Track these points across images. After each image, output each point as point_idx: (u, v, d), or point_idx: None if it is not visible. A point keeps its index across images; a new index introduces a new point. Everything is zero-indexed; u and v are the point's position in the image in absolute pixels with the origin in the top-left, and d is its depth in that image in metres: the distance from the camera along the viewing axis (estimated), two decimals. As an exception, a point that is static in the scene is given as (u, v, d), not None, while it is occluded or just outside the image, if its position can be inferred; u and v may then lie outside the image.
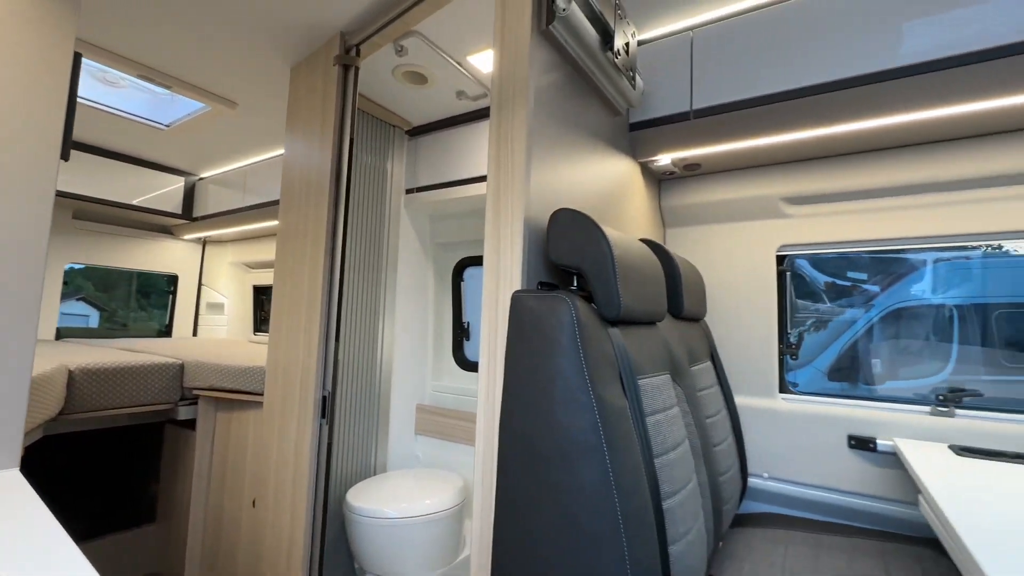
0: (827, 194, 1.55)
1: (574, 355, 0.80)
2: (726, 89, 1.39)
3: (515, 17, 1.01)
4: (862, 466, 1.46)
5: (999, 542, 0.71)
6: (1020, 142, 1.30)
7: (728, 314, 1.71)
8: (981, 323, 1.92)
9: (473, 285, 2.53)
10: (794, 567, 1.20)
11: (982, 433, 1.33)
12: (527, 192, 0.98)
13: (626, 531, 0.74)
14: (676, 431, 1.00)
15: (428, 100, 2.02)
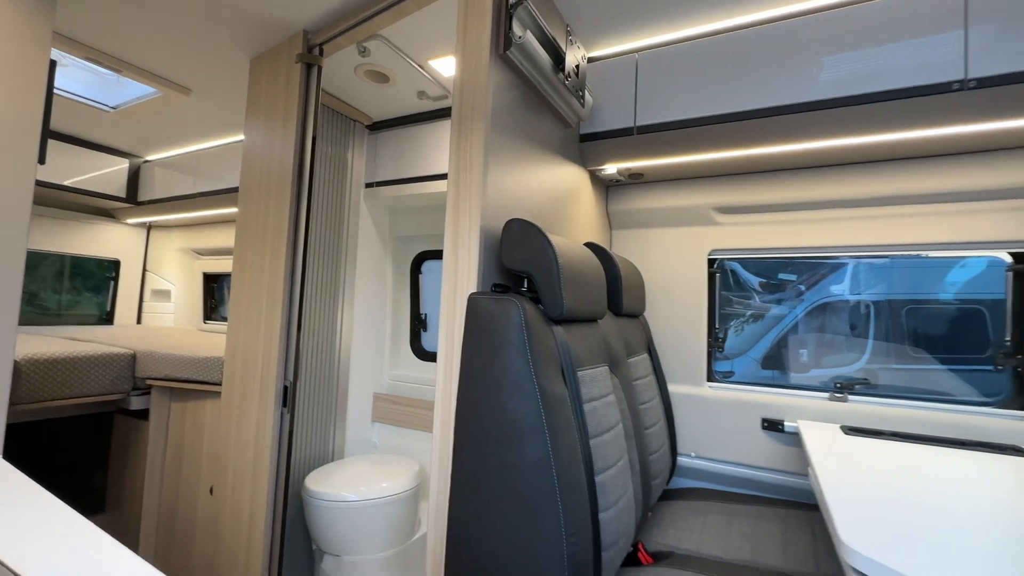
0: (752, 206, 1.74)
1: (522, 351, 0.92)
2: (666, 109, 1.54)
3: (474, 42, 1.11)
4: (772, 445, 1.68)
5: (857, 506, 0.89)
6: (911, 169, 1.52)
7: (665, 311, 1.89)
8: (893, 318, 2.21)
9: (431, 278, 2.61)
10: (709, 532, 1.39)
11: (869, 416, 1.57)
12: (483, 202, 1.08)
13: (562, 500, 0.87)
14: (610, 416, 1.15)
15: (389, 97, 2.07)
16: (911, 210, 1.55)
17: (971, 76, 1.19)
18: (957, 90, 1.19)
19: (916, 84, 1.23)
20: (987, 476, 1.05)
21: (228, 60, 1.87)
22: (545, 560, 0.86)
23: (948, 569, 0.63)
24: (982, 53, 1.18)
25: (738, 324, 2.42)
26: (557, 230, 1.52)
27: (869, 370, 2.04)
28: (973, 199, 1.46)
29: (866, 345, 2.24)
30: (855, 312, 2.16)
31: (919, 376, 1.80)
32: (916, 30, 1.24)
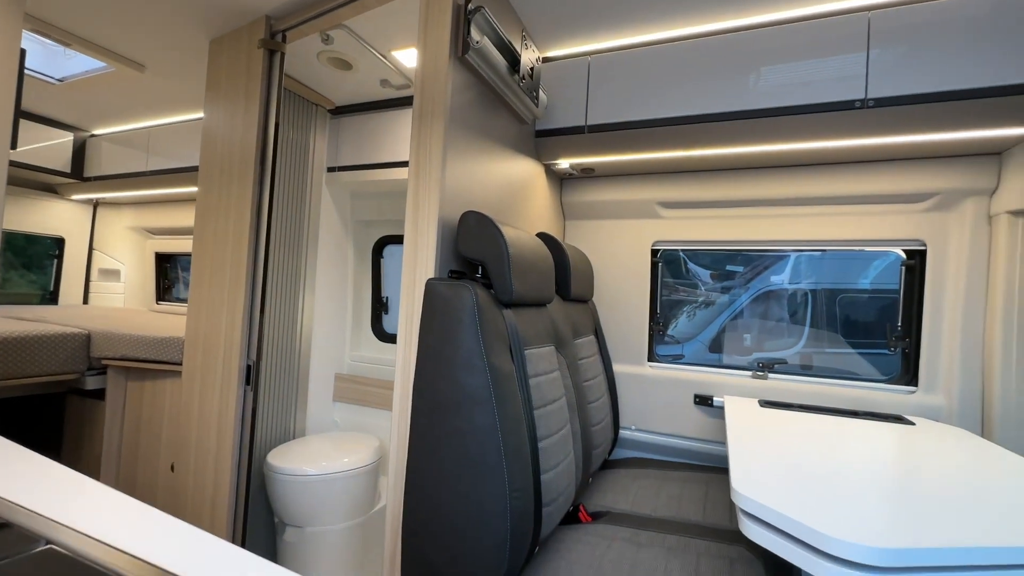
0: (692, 201, 1.90)
1: (473, 331, 1.03)
2: (616, 110, 1.66)
3: (434, 44, 1.19)
4: (702, 418, 1.87)
5: (753, 463, 1.05)
6: (825, 174, 1.71)
7: (612, 296, 2.04)
8: (827, 305, 2.46)
9: (392, 262, 2.67)
10: (642, 494, 1.56)
11: (784, 391, 1.78)
12: (442, 195, 1.18)
13: (507, 462, 1.00)
14: (554, 390, 1.28)
15: (351, 83, 2.10)
16: (826, 210, 1.75)
17: (871, 96, 1.36)
18: (859, 108, 1.37)
19: (826, 100, 1.40)
20: (872, 439, 1.25)
21: (185, 39, 1.85)
22: (491, 514, 0.98)
23: (818, 506, 0.79)
24: (880, 76, 1.36)
25: (690, 310, 2.63)
26: (512, 220, 1.62)
27: (805, 353, 2.27)
28: (875, 202, 1.67)
29: (803, 331, 2.49)
30: (793, 300, 2.40)
31: (843, 359, 2.04)
32: (828, 50, 1.41)
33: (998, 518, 0.77)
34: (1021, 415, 1.42)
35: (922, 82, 1.34)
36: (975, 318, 1.55)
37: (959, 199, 1.57)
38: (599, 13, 1.53)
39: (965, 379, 1.55)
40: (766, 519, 0.78)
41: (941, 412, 1.58)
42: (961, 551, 0.65)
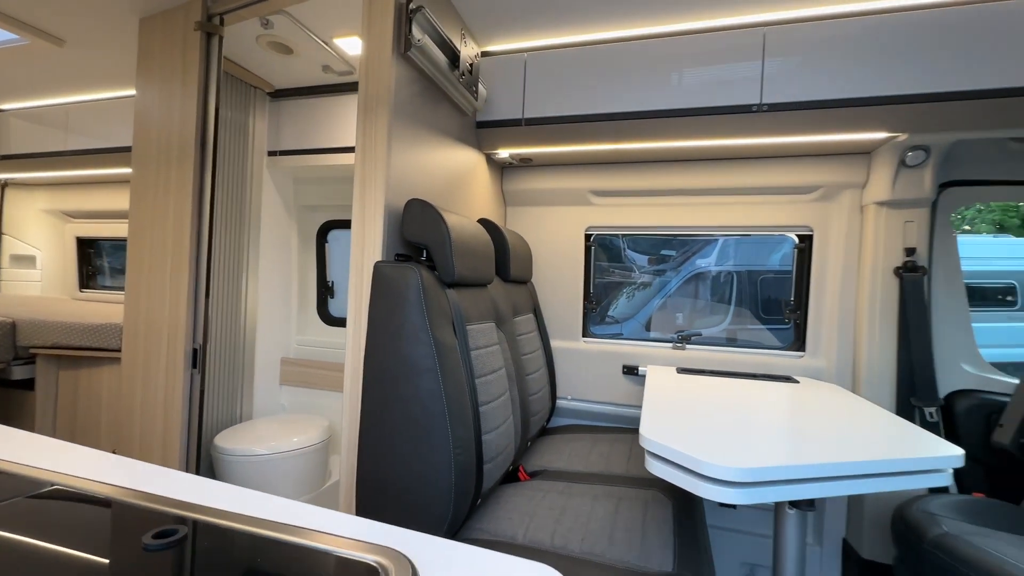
0: (621, 190, 2.08)
1: (419, 308, 1.14)
2: (550, 105, 1.79)
3: (378, 41, 1.26)
4: (629, 386, 2.08)
5: (661, 415, 1.23)
6: (734, 167, 1.93)
7: (549, 278, 2.20)
8: (750, 285, 2.74)
9: (337, 246, 2.70)
10: (575, 454, 1.75)
11: (699, 359, 2.01)
12: (387, 184, 1.27)
13: (451, 424, 1.13)
14: (494, 361, 1.42)
15: (292, 67, 2.10)
16: (734, 199, 1.98)
17: (765, 101, 1.57)
18: (755, 111, 1.58)
19: (729, 103, 1.60)
20: (761, 395, 1.48)
21: (112, 16, 1.79)
22: (436, 468, 1.11)
23: (703, 444, 0.97)
24: (773, 84, 1.57)
25: (629, 292, 2.85)
26: (456, 206, 1.73)
27: (730, 328, 2.55)
28: (773, 193, 1.91)
29: (730, 309, 2.77)
30: (718, 281, 2.67)
31: (758, 333, 2.32)
32: (731, 59, 1.60)
33: (836, 446, 0.99)
34: (880, 374, 1.72)
35: (807, 91, 1.56)
36: (850, 293, 1.83)
37: (838, 191, 1.84)
38: (534, 14, 1.64)
39: (841, 345, 1.84)
40: (663, 455, 0.96)
41: (823, 372, 1.87)
42: (793, 468, 0.85)
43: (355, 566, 0.41)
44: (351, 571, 0.40)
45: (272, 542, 0.44)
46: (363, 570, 0.40)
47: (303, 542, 0.44)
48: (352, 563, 0.41)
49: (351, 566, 0.41)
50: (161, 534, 0.44)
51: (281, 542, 0.44)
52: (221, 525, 0.46)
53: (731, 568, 1.90)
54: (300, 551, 0.43)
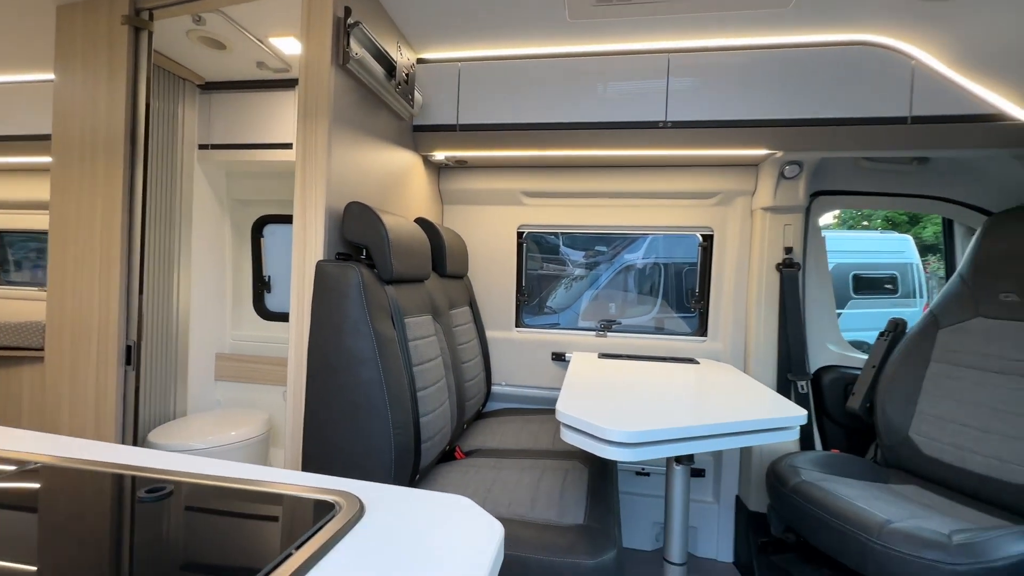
0: (549, 192, 2.26)
1: (360, 304, 1.25)
2: (483, 112, 1.93)
3: (317, 53, 1.34)
4: (558, 371, 2.28)
5: (578, 393, 1.42)
6: (648, 174, 2.16)
7: (485, 272, 2.35)
8: (675, 278, 3.02)
9: (274, 241, 2.69)
10: (507, 435, 1.92)
11: (619, 345, 2.25)
12: (328, 186, 1.36)
13: (390, 408, 1.25)
14: (431, 351, 1.55)
15: (224, 62, 2.09)
16: (649, 202, 2.22)
17: (670, 118, 1.80)
18: (661, 127, 1.80)
19: (640, 119, 1.81)
20: (666, 374, 1.72)
21: (25, 1, 1.72)
22: (377, 447, 1.23)
23: (606, 414, 1.16)
24: (676, 103, 1.80)
25: (567, 283, 3.06)
26: (394, 206, 1.83)
27: (658, 317, 2.82)
28: (681, 197, 2.16)
29: (656, 300, 3.05)
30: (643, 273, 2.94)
31: (677, 321, 2.59)
32: (642, 79, 1.81)
33: (713, 413, 1.22)
34: (764, 354, 2.02)
35: (705, 111, 1.80)
36: (742, 286, 2.12)
37: (733, 197, 2.12)
38: (466, 26, 1.76)
39: (735, 330, 2.13)
40: (574, 425, 1.14)
41: (720, 354, 2.15)
42: (673, 430, 1.06)
43: (316, 503, 0.54)
44: (312, 507, 0.53)
45: (244, 492, 0.55)
46: (322, 506, 0.53)
47: (270, 490, 0.56)
48: (313, 501, 0.54)
49: (312, 504, 0.54)
50: (151, 490, 0.54)
51: (252, 491, 0.56)
52: (201, 484, 0.57)
53: (644, 527, 2.16)
54: (269, 496, 0.55)
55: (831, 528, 1.34)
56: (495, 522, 0.53)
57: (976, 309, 1.66)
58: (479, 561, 0.46)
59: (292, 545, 0.46)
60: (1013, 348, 1.53)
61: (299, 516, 0.52)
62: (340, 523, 0.50)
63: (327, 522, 0.50)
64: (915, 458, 1.66)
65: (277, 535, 0.49)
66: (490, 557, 0.47)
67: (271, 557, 0.44)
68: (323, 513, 0.52)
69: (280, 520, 0.52)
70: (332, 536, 0.48)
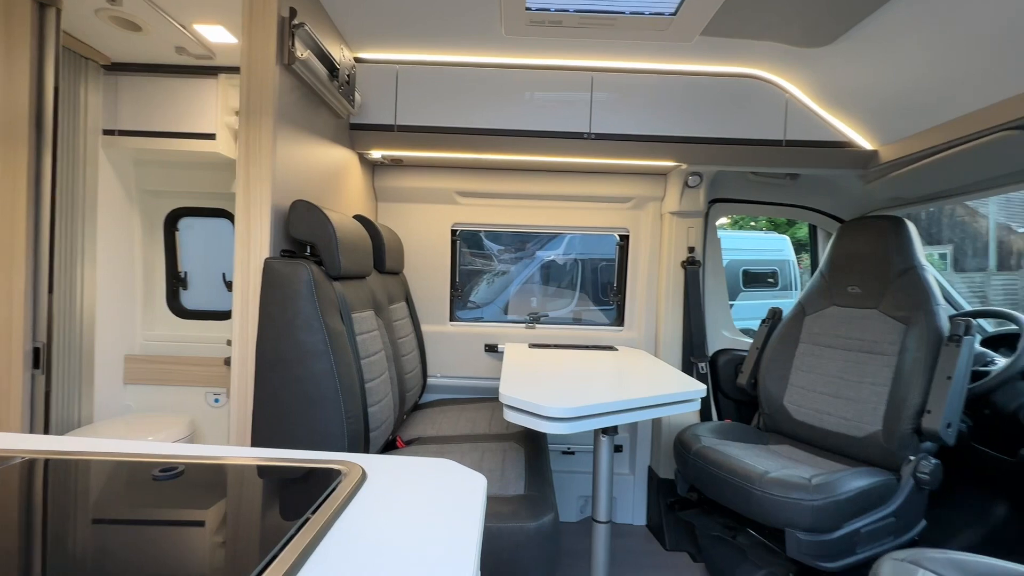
0: (482, 192, 2.38)
1: (310, 300, 1.30)
2: (419, 115, 2.00)
3: (260, 53, 1.35)
4: (491, 362, 2.42)
5: (515, 378, 1.56)
6: (574, 179, 2.35)
7: (420, 269, 2.43)
8: (592, 273, 3.25)
9: (191, 235, 2.55)
10: (445, 423, 2.02)
11: (547, 336, 2.43)
12: (273, 185, 1.37)
13: (343, 398, 1.31)
14: (375, 345, 1.62)
15: (137, 43, 1.97)
16: (573, 205, 2.42)
17: (593, 130, 2.00)
18: (586, 138, 1.99)
19: (567, 130, 2.00)
20: (589, 360, 1.92)
21: None
22: (332, 437, 1.29)
23: (542, 394, 1.31)
24: (598, 117, 2.00)
25: (489, 278, 3.19)
26: (332, 203, 1.85)
27: (576, 310, 3.04)
28: (601, 201, 2.39)
29: (575, 293, 3.27)
30: (564, 269, 3.15)
31: (596, 313, 2.82)
32: (569, 92, 1.99)
33: (631, 390, 1.42)
34: (672, 340, 2.31)
35: (623, 126, 2.02)
36: (654, 281, 2.40)
37: (646, 202, 2.38)
38: (404, 32, 1.82)
39: (647, 320, 2.40)
40: (516, 406, 1.28)
41: (635, 342, 2.42)
42: (599, 405, 1.24)
43: (324, 472, 0.62)
44: (321, 475, 0.62)
45: (255, 467, 0.62)
46: (330, 473, 0.62)
47: (279, 464, 0.63)
48: (321, 470, 0.62)
49: (321, 472, 0.62)
50: (165, 469, 0.59)
51: (261, 466, 0.63)
52: (211, 463, 0.62)
53: (571, 500, 2.38)
54: (279, 469, 0.63)
55: (724, 482, 1.61)
56: (478, 475, 0.65)
57: (831, 299, 2.05)
58: (472, 503, 0.58)
59: (309, 510, 0.55)
60: (856, 330, 1.92)
61: (309, 485, 0.61)
62: (348, 487, 0.59)
63: (335, 487, 0.59)
64: (788, 422, 2.01)
65: (294, 504, 0.57)
66: (480, 500, 0.59)
67: (291, 523, 0.52)
68: (331, 480, 0.61)
69: (293, 490, 0.60)
70: (343, 499, 0.57)
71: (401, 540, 0.50)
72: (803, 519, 1.44)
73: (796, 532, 1.45)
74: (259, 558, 0.45)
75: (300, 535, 0.49)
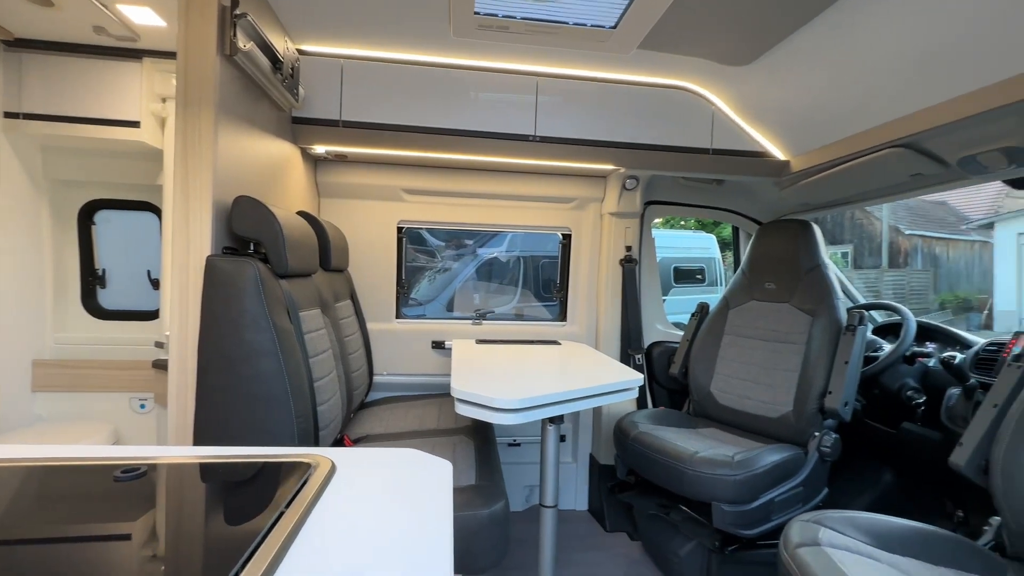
0: (429, 190, 2.39)
1: (258, 298, 1.27)
2: (365, 111, 1.98)
3: (199, 42, 1.29)
4: (438, 358, 2.44)
5: (465, 373, 1.61)
6: (520, 179, 2.42)
7: (365, 266, 2.40)
8: (535, 270, 3.33)
9: (109, 229, 2.36)
10: (393, 420, 2.03)
11: (493, 332, 2.49)
12: (215, 179, 1.32)
13: (292, 397, 1.30)
14: (323, 344, 1.60)
15: (46, 18, 1.80)
16: (519, 204, 2.49)
17: (538, 133, 2.07)
18: (531, 140, 2.07)
19: (514, 132, 2.06)
20: (533, 354, 1.99)
21: None
22: (281, 437, 1.27)
23: (491, 387, 1.36)
24: (543, 120, 2.08)
25: (431, 276, 3.19)
26: (274, 199, 1.80)
27: (518, 307, 3.11)
28: (546, 201, 2.48)
29: (517, 290, 3.34)
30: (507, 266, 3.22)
31: (540, 309, 2.91)
32: (516, 95, 2.06)
33: (574, 381, 1.51)
34: (611, 334, 2.44)
35: (566, 130, 2.11)
36: (594, 278, 2.52)
37: (587, 203, 2.50)
38: (349, 24, 1.79)
39: (588, 315, 2.52)
40: (467, 399, 1.33)
41: (577, 336, 2.53)
42: (546, 396, 1.32)
43: (294, 465, 0.64)
44: (292, 468, 0.64)
45: (223, 465, 0.63)
46: (300, 467, 0.64)
47: (249, 460, 0.64)
48: (291, 464, 0.64)
49: (291, 465, 0.64)
50: (127, 470, 0.58)
51: (230, 463, 0.63)
52: (177, 463, 0.62)
53: (518, 490, 2.46)
54: (249, 465, 0.63)
55: (659, 464, 1.75)
56: (444, 462, 0.70)
57: (751, 295, 2.26)
58: (441, 487, 0.63)
59: (284, 504, 0.56)
60: (772, 322, 2.13)
61: (280, 480, 0.63)
62: (319, 479, 0.62)
63: (307, 479, 0.62)
64: (714, 407, 2.20)
65: (267, 498, 0.59)
66: (448, 485, 0.64)
67: (267, 517, 0.52)
68: (302, 473, 0.63)
69: (263, 486, 0.62)
70: (316, 490, 0.59)
71: (378, 526, 0.54)
72: (727, 492, 1.59)
73: (721, 504, 1.61)
74: (238, 554, 0.45)
75: (278, 528, 0.51)
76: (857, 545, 1.11)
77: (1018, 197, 12.22)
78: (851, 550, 1.08)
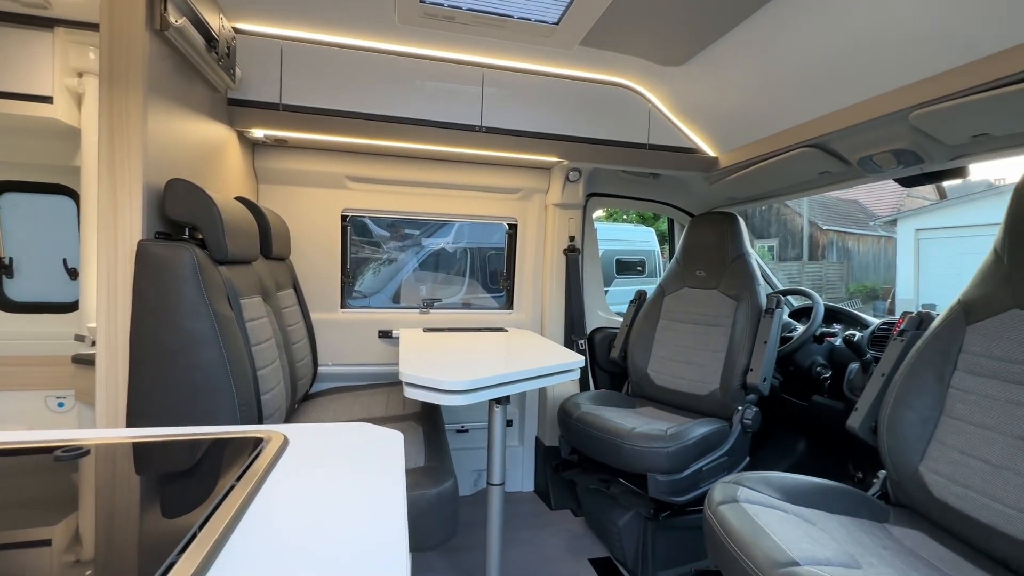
0: (375, 178, 2.37)
1: (195, 285, 1.23)
2: (307, 95, 1.94)
3: (126, 14, 1.23)
4: (385, 348, 2.44)
5: (412, 359, 1.63)
6: (465, 169, 2.44)
7: (308, 255, 2.35)
8: (480, 260, 3.35)
9: (16, 214, 2.17)
10: (340, 409, 2.01)
11: (440, 321, 2.51)
12: (145, 161, 1.27)
13: (235, 387, 1.27)
14: (265, 332, 1.57)
15: (-58, -18, 1.63)
16: (465, 194, 2.52)
17: (484, 124, 2.11)
18: (477, 131, 2.10)
19: (460, 121, 2.08)
20: (481, 341, 2.04)
21: None
22: (225, 425, 1.25)
23: (440, 371, 1.40)
24: (489, 111, 2.11)
25: (376, 267, 3.15)
26: (209, 184, 1.72)
27: (465, 297, 3.13)
28: (492, 191, 2.52)
29: (464, 280, 3.36)
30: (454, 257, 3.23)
31: (487, 298, 2.94)
32: (463, 85, 2.08)
33: (520, 364, 1.58)
34: (555, 320, 2.54)
35: (512, 121, 2.16)
36: (539, 267, 2.60)
37: (532, 194, 2.57)
38: (290, 3, 1.75)
39: (534, 303, 2.60)
40: (417, 383, 1.36)
41: (523, 323, 2.61)
42: (491, 378, 1.37)
43: (246, 441, 0.65)
44: (244, 444, 0.65)
45: (169, 443, 0.63)
46: (252, 442, 0.65)
47: (197, 438, 0.64)
48: (243, 440, 0.65)
49: (243, 442, 0.65)
50: (67, 450, 0.57)
51: (176, 442, 0.63)
52: (120, 442, 0.61)
53: (465, 475, 2.51)
54: (196, 444, 0.64)
55: (600, 441, 1.86)
56: (395, 432, 0.73)
57: (684, 282, 2.42)
58: (393, 456, 0.66)
59: (233, 478, 0.58)
60: (702, 307, 2.30)
61: (233, 455, 0.64)
62: (271, 452, 0.64)
63: (258, 453, 0.63)
64: (651, 387, 2.34)
65: (219, 472, 0.60)
66: (399, 454, 0.68)
67: (220, 491, 0.53)
68: (254, 447, 0.65)
69: (217, 460, 0.63)
70: (268, 463, 0.61)
71: (332, 496, 0.56)
72: (661, 464, 1.72)
73: (656, 475, 1.74)
74: (187, 528, 0.46)
75: (227, 501, 0.52)
76: (769, 500, 1.25)
77: (916, 197, 13.61)
78: (764, 504, 1.22)
